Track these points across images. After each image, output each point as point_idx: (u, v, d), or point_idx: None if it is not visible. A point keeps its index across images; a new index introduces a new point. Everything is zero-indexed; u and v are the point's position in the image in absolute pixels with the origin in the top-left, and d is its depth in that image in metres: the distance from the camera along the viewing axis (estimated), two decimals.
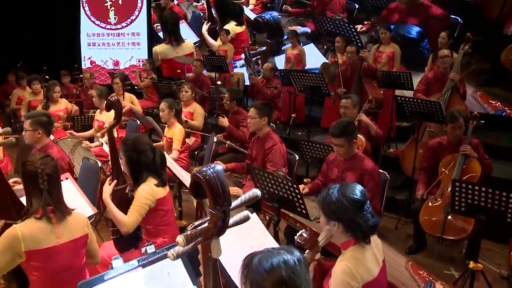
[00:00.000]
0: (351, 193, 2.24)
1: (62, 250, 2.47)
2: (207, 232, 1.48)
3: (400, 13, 6.78)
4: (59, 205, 2.51)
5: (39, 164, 2.47)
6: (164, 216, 3.19)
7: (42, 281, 2.44)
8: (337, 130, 3.81)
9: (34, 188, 2.46)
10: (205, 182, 1.43)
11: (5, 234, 2.39)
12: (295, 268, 1.62)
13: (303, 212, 3.43)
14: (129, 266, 2.19)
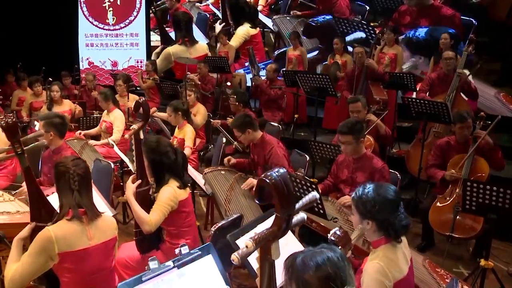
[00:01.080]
0: (386, 192, 2.29)
1: (93, 252, 2.49)
2: (272, 234, 1.52)
3: (412, 15, 6.82)
4: (90, 206, 2.53)
5: (71, 165, 2.49)
6: (186, 218, 3.22)
7: (74, 282, 2.46)
8: (345, 128, 3.89)
9: (65, 188, 2.48)
10: (272, 186, 1.46)
11: (39, 236, 2.41)
12: (339, 264, 1.67)
13: (320, 212, 3.48)
14: (165, 267, 2.23)
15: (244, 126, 4.34)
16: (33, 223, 2.62)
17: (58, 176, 2.52)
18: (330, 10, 7.64)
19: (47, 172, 4.18)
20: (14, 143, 2.56)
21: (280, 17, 8.17)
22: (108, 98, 5.68)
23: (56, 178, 2.54)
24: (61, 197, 2.52)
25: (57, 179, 2.53)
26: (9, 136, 2.57)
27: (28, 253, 2.42)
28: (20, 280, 2.40)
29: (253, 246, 1.47)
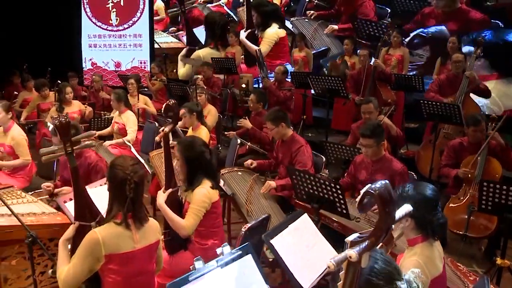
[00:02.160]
0: (425, 191, 2.37)
1: (138, 255, 2.54)
2: (372, 245, 1.56)
3: (437, 18, 6.77)
4: (140, 213, 2.56)
5: (129, 171, 2.48)
6: (216, 219, 3.28)
7: (118, 284, 2.51)
8: (368, 131, 3.97)
9: (119, 193, 2.49)
10: (377, 197, 1.51)
11: (86, 239, 2.45)
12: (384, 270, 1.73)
13: (343, 212, 3.56)
14: (209, 266, 2.29)
15: (279, 120, 4.41)
16: (76, 223, 2.66)
17: (114, 180, 2.51)
18: (354, 12, 7.52)
19: (68, 177, 4.19)
20: (65, 142, 2.60)
21: (298, 19, 8.07)
22: (121, 99, 5.72)
23: (110, 180, 2.54)
24: (112, 200, 2.53)
25: (112, 182, 2.53)
26: (61, 135, 2.61)
27: (77, 254, 2.47)
28: (74, 281, 2.45)
29: (357, 256, 1.52)
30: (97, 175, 4.10)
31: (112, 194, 2.55)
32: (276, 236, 2.80)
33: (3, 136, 4.91)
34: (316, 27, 7.60)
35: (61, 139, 2.60)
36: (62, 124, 2.56)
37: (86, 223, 2.66)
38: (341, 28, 7.63)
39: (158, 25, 10.02)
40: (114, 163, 2.58)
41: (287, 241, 2.84)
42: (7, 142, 4.88)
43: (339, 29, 7.68)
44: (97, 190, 3.43)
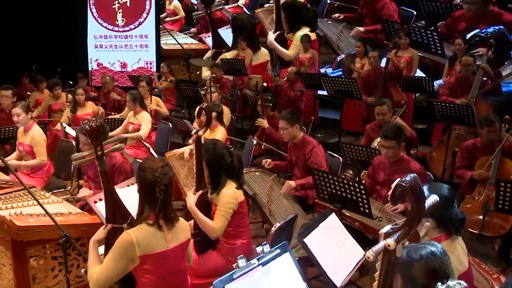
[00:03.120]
0: (441, 191, 2.46)
1: (171, 254, 2.60)
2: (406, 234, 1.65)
3: (468, 21, 6.63)
4: (170, 214, 2.61)
5: (158, 173, 2.52)
6: (243, 219, 3.35)
7: (153, 283, 2.56)
8: (390, 133, 4.06)
9: (149, 195, 2.54)
10: (408, 189, 1.60)
11: (120, 240, 2.51)
12: (443, 258, 1.82)
13: (366, 211, 3.63)
14: (251, 265, 2.35)
15: (294, 121, 4.48)
16: (109, 225, 2.71)
17: (143, 182, 2.56)
18: (376, 14, 7.40)
19: (93, 176, 4.26)
20: (96, 146, 2.65)
21: (321, 21, 7.95)
22: (136, 100, 5.77)
23: (141, 183, 2.60)
24: (143, 202, 2.59)
25: (142, 185, 2.58)
26: (92, 139, 2.66)
27: (110, 256, 2.52)
28: (106, 281, 2.51)
29: (395, 244, 1.60)
30: (120, 176, 4.15)
31: (142, 196, 2.61)
32: (308, 235, 2.87)
33: (23, 135, 4.97)
34: (341, 29, 7.47)
35: (91, 143, 2.65)
36: (93, 128, 2.62)
37: (117, 225, 2.70)
38: (368, 30, 7.51)
39: (174, 26, 9.96)
40: (144, 165, 2.63)
41: (319, 239, 2.92)
42: (26, 141, 4.94)
43: (365, 31, 7.56)
44: (125, 190, 3.49)
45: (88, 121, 2.65)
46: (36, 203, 3.75)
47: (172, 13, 10.38)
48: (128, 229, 2.60)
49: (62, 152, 5.32)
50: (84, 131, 2.67)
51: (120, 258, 2.48)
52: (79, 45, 9.98)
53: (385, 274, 1.76)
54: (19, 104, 4.93)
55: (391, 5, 7.35)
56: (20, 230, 3.33)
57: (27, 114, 4.89)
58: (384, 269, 1.78)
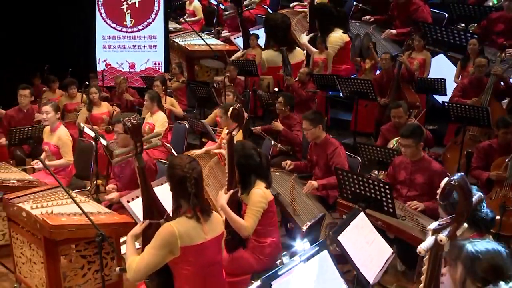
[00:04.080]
0: None
1: (209, 246, 2.68)
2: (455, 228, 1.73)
3: (507, 23, 6.58)
4: (205, 206, 2.70)
5: (187, 169, 2.62)
6: (273, 217, 3.41)
7: (193, 274, 2.64)
8: (407, 132, 4.14)
9: (182, 191, 2.63)
10: (458, 187, 1.68)
11: (163, 231, 2.58)
12: (506, 259, 1.85)
13: (390, 211, 3.71)
14: (294, 262, 2.43)
15: (317, 121, 4.56)
16: (146, 221, 2.77)
17: (174, 179, 2.65)
18: (409, 17, 7.36)
19: (119, 173, 4.32)
20: (136, 143, 2.71)
21: (350, 23, 7.90)
22: (154, 99, 5.83)
23: (171, 180, 2.68)
24: (178, 198, 2.68)
25: (173, 182, 2.67)
26: (132, 136, 2.72)
27: (151, 246, 2.59)
28: (146, 270, 2.58)
29: (447, 240, 1.68)
30: None
31: (175, 192, 2.70)
32: (341, 233, 2.95)
33: (50, 135, 5.05)
34: (371, 31, 7.39)
35: (132, 140, 2.71)
36: (134, 125, 2.69)
37: (154, 221, 2.77)
38: (400, 32, 7.42)
39: (193, 26, 9.84)
40: (172, 163, 2.73)
41: (351, 237, 2.99)
42: (53, 142, 5.01)
43: (397, 33, 7.47)
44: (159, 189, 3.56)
45: (129, 118, 2.71)
46: (65, 203, 3.87)
47: (192, 13, 10.32)
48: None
49: (81, 152, 5.37)
50: (126, 128, 2.72)
51: (161, 248, 2.56)
52: (87, 46, 10.03)
53: (432, 267, 1.84)
54: (49, 103, 5.01)
55: (425, 8, 7.33)
56: (53, 229, 3.39)
57: (56, 114, 4.97)
58: (431, 263, 1.85)
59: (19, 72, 8.46)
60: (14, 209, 3.78)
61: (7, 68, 8.35)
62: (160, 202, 2.89)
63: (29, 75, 8.44)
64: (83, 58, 9.91)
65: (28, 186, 4.41)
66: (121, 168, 4.28)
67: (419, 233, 3.66)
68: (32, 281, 3.82)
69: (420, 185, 4.19)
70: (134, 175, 4.19)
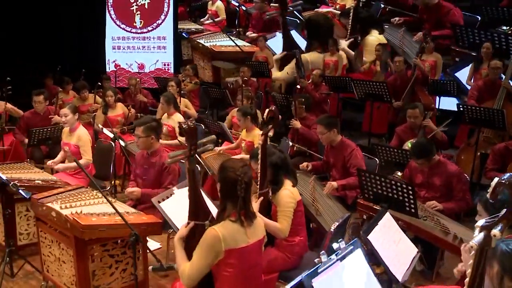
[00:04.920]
0: None
1: (251, 249, 2.74)
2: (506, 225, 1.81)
3: None
4: (250, 211, 2.76)
5: (240, 172, 2.67)
6: (301, 217, 3.49)
7: (234, 277, 2.70)
8: (417, 154, 4.25)
9: (231, 193, 2.68)
10: (509, 185, 1.76)
11: (207, 236, 2.64)
12: None
13: (412, 211, 3.79)
14: (331, 260, 2.50)
15: (331, 126, 4.64)
16: (191, 222, 2.84)
17: (225, 181, 2.71)
18: (439, 20, 7.30)
19: (142, 175, 4.38)
20: (191, 145, 2.79)
21: None
22: (170, 102, 5.91)
23: (222, 181, 2.74)
24: (225, 200, 2.73)
25: (224, 183, 2.73)
26: (187, 138, 2.80)
27: (199, 251, 2.66)
28: (197, 275, 2.66)
29: (500, 235, 1.76)
30: (169, 175, 4.28)
31: (224, 194, 2.75)
32: (371, 232, 3.03)
33: (69, 136, 5.12)
34: (402, 33, 7.28)
35: (187, 142, 2.79)
36: (190, 128, 2.76)
37: (200, 222, 2.84)
38: (433, 35, 7.16)
39: (215, 27, 9.89)
40: (225, 165, 2.78)
41: (379, 237, 3.07)
42: (73, 142, 5.08)
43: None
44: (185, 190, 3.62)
45: (186, 122, 2.79)
46: (92, 203, 3.94)
47: (214, 14, 10.30)
48: (209, 226, 2.74)
49: (100, 153, 5.44)
50: (182, 131, 2.79)
51: (208, 253, 2.63)
52: (97, 47, 10.11)
53: (478, 264, 1.91)
54: (67, 105, 5.07)
55: (457, 11, 7.26)
56: (85, 228, 3.46)
57: (74, 115, 5.04)
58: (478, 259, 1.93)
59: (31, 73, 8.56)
60: (43, 209, 3.84)
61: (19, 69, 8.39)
62: (206, 204, 2.94)
63: (41, 76, 8.52)
64: (93, 59, 9.96)
65: (52, 186, 4.48)
66: (144, 170, 4.35)
67: (440, 233, 3.75)
68: (61, 279, 3.88)
69: (437, 187, 4.28)
70: (158, 177, 4.32)
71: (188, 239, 2.83)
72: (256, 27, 9.42)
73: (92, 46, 10.05)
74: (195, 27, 10.05)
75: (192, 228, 2.83)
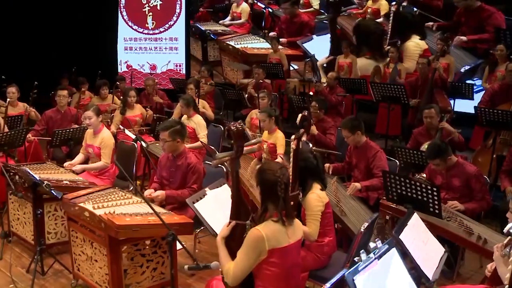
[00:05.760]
0: None
1: (292, 248, 2.84)
2: None
3: None
4: (290, 211, 2.86)
5: (279, 174, 2.79)
6: (330, 218, 3.59)
7: (276, 275, 2.80)
8: (432, 155, 4.33)
9: (272, 194, 2.79)
10: None
11: (251, 236, 2.74)
12: None
13: (436, 212, 3.89)
14: (370, 259, 2.60)
15: (355, 128, 4.74)
16: (233, 222, 2.93)
17: (265, 183, 2.82)
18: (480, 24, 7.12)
19: (168, 177, 4.45)
20: (238, 147, 2.88)
21: None
22: (190, 104, 5.99)
23: (263, 183, 2.84)
24: (266, 201, 2.83)
25: (264, 186, 2.83)
26: (235, 140, 2.89)
27: (243, 251, 2.76)
28: (242, 275, 2.76)
29: None
30: (193, 176, 4.37)
31: (264, 196, 2.86)
32: (401, 232, 3.12)
33: (93, 138, 5.20)
34: (438, 37, 7.07)
35: (234, 144, 2.88)
36: (239, 130, 2.85)
37: (241, 222, 2.93)
38: (472, 39, 7.18)
39: (240, 29, 9.93)
40: (264, 168, 2.90)
41: (409, 237, 3.16)
42: (96, 143, 5.16)
43: (468, 40, 7.19)
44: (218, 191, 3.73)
45: (234, 124, 2.87)
46: (123, 203, 4.02)
47: (239, 16, 10.25)
48: (250, 225, 2.83)
49: (123, 154, 5.53)
50: (231, 133, 2.89)
51: (252, 252, 2.73)
52: (109, 47, 10.22)
53: None
54: (91, 108, 5.14)
55: (499, 15, 7.06)
56: (120, 228, 3.54)
57: (98, 117, 5.12)
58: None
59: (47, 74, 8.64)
60: (76, 209, 3.93)
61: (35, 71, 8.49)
62: (247, 204, 3.02)
63: (57, 77, 8.62)
64: (105, 60, 10.06)
65: (79, 187, 4.57)
66: (171, 172, 4.43)
67: (464, 234, 3.84)
68: (93, 278, 3.97)
69: (457, 188, 4.37)
70: (184, 179, 4.39)
71: (228, 238, 2.92)
72: (287, 31, 9.16)
73: (104, 47, 10.17)
74: (222, 28, 9.97)
75: (232, 228, 2.92)
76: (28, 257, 4.70)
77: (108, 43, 10.22)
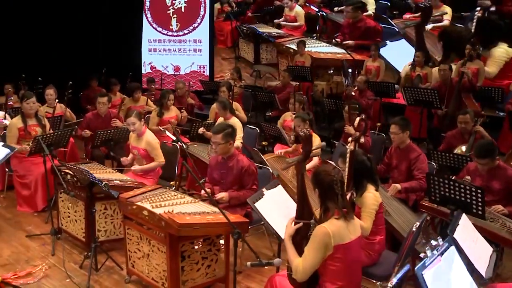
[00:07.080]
0: None
1: (354, 244, 3.03)
2: None
3: None
4: (349, 208, 3.06)
5: (334, 173, 3.00)
6: (382, 218, 3.77)
7: (341, 270, 2.99)
8: (482, 155, 4.46)
9: (330, 194, 2.98)
10: None
11: (318, 233, 2.93)
12: None
13: (479, 213, 4.05)
14: (434, 255, 2.77)
15: (405, 127, 4.88)
16: (300, 222, 3.12)
17: (323, 183, 3.01)
18: None
19: (220, 178, 4.61)
20: (306, 152, 3.06)
21: None
22: (226, 107, 6.15)
23: (320, 185, 3.03)
24: (326, 200, 3.02)
25: (322, 187, 3.02)
26: (304, 145, 3.08)
27: (311, 247, 2.94)
28: (311, 270, 2.95)
29: None
30: (251, 177, 4.53)
31: (323, 196, 3.05)
32: (455, 232, 3.30)
33: (137, 140, 5.38)
34: None
35: (303, 149, 3.06)
36: (307, 136, 3.04)
37: (306, 221, 3.12)
38: None
39: (295, 32, 9.91)
40: (318, 171, 3.12)
41: (462, 236, 3.34)
42: (141, 146, 5.34)
43: None
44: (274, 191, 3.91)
45: (303, 129, 3.06)
46: (179, 203, 4.19)
47: (292, 19, 10.17)
48: (314, 224, 3.02)
49: (165, 155, 5.69)
50: (300, 138, 3.08)
51: (320, 248, 2.92)
52: (134, 49, 10.39)
53: None
54: (132, 113, 5.31)
55: None
56: (181, 227, 3.72)
57: (141, 121, 5.30)
58: None
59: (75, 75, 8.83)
60: (133, 208, 4.11)
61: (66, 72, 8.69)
62: (311, 204, 3.18)
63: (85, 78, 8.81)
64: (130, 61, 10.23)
65: (130, 186, 4.75)
66: (222, 174, 4.58)
67: (507, 234, 4.01)
68: (149, 274, 4.15)
69: (497, 191, 4.51)
70: (236, 180, 4.56)
71: (294, 237, 3.11)
72: (350, 36, 8.80)
73: (129, 48, 10.34)
74: (276, 31, 9.77)
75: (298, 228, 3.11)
76: (78, 254, 4.90)
77: (132, 45, 10.39)
